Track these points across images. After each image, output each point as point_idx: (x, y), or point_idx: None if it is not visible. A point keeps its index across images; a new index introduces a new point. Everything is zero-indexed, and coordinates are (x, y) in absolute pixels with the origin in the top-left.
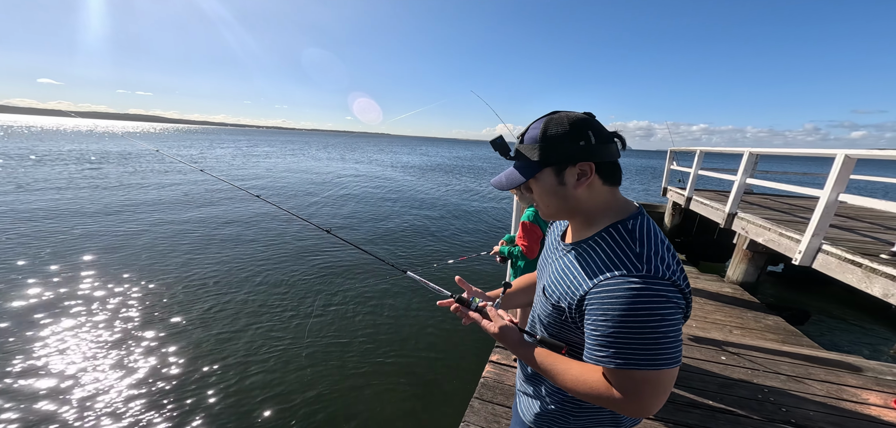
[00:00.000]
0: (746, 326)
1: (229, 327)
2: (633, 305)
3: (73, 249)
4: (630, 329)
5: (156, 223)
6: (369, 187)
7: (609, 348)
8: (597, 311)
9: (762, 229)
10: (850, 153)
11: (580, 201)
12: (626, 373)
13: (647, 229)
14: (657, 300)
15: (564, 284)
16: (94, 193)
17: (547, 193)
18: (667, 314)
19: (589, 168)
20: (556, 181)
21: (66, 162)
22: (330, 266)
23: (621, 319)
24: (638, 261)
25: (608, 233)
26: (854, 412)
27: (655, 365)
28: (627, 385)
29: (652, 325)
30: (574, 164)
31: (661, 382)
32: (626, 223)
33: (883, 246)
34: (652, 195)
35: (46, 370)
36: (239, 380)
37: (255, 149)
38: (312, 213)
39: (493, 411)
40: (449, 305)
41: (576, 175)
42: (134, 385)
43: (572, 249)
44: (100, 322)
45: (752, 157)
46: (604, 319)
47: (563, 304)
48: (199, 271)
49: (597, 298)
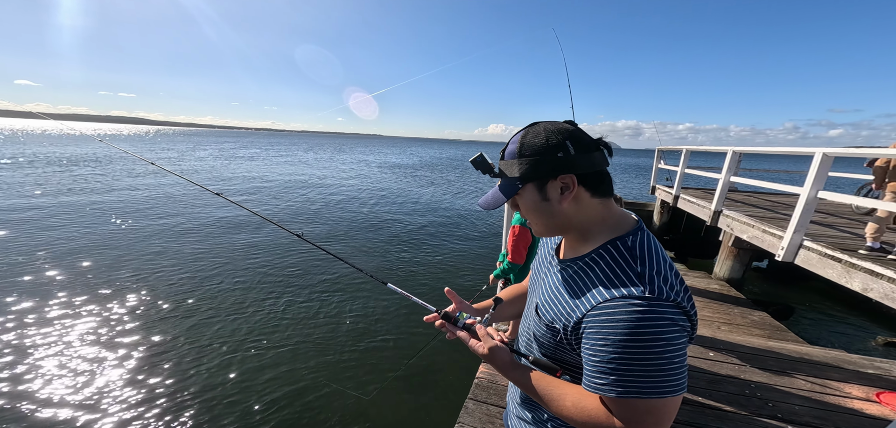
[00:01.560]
0: (733, 322)
1: (201, 337)
2: (636, 330)
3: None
4: (633, 355)
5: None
6: (354, 189)
7: (609, 375)
8: (596, 335)
9: (746, 226)
10: (828, 151)
11: (569, 217)
12: (627, 402)
13: (648, 246)
14: (662, 324)
15: (559, 305)
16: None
17: (532, 211)
18: (672, 339)
19: (571, 180)
20: (539, 197)
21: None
22: (306, 273)
23: (623, 345)
24: (639, 281)
25: (606, 250)
26: (838, 406)
27: (660, 393)
28: (629, 415)
29: (656, 350)
30: (555, 178)
31: (665, 411)
32: (625, 240)
33: (861, 241)
34: (639, 193)
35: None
36: (225, 385)
37: (239, 152)
38: (286, 217)
39: (488, 412)
40: (433, 320)
41: (559, 189)
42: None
43: (568, 267)
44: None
45: (735, 156)
46: (604, 344)
47: (557, 325)
48: (161, 286)
49: (596, 322)
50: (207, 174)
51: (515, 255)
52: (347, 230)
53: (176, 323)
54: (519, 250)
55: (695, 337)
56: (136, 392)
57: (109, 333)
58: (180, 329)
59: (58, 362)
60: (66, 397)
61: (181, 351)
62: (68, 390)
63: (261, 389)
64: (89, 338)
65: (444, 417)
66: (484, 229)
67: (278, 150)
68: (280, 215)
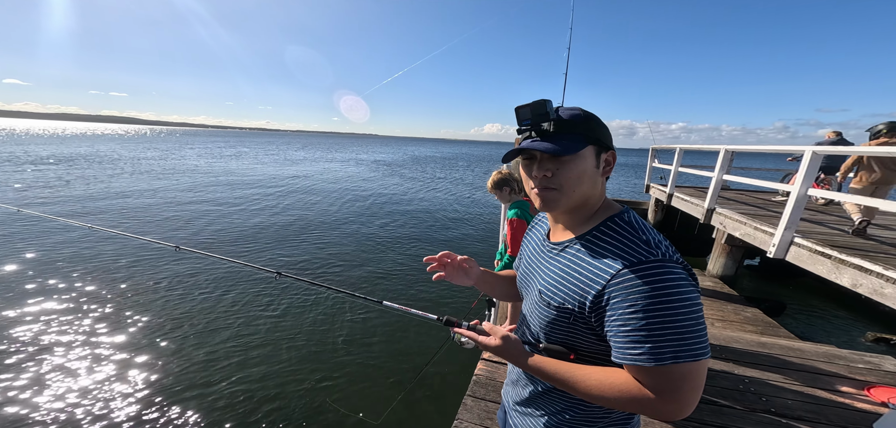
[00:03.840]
0: (727, 319)
1: (192, 349)
2: (661, 294)
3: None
4: (663, 320)
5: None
6: (339, 191)
7: (644, 344)
8: (622, 303)
9: (739, 224)
10: (817, 149)
11: (594, 192)
12: (663, 369)
13: (639, 221)
14: (681, 284)
15: (570, 284)
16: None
17: (580, 175)
18: (693, 299)
19: (613, 158)
20: (595, 163)
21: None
22: (289, 308)
23: (652, 309)
24: (650, 247)
25: (607, 226)
26: (830, 400)
27: (693, 355)
28: (664, 383)
29: (683, 312)
30: (606, 151)
31: (699, 374)
32: (622, 216)
33: (850, 237)
34: (634, 191)
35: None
36: (220, 392)
37: (224, 151)
38: (259, 238)
39: (486, 408)
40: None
41: (604, 163)
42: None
43: (574, 243)
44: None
45: (728, 155)
46: (633, 312)
47: (570, 305)
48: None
49: (620, 291)
50: (184, 177)
51: (515, 247)
52: (332, 242)
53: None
54: (519, 243)
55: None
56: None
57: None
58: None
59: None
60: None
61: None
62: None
63: (251, 399)
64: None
65: (443, 416)
66: (479, 225)
67: (268, 149)
68: (250, 234)
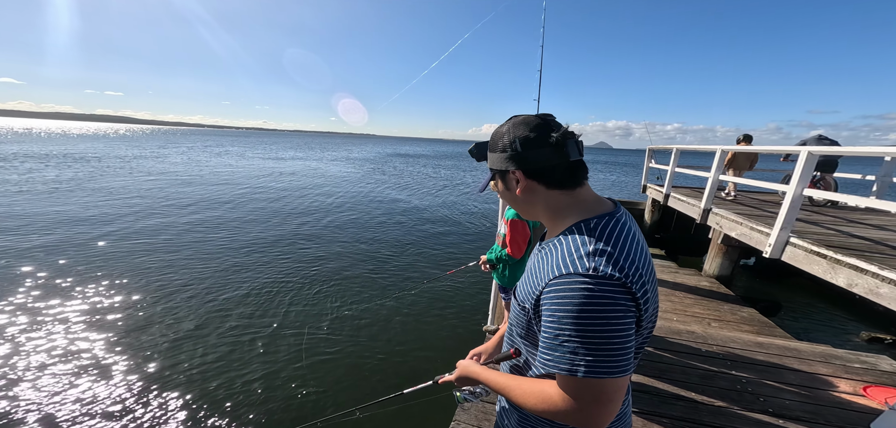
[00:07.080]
0: (723, 319)
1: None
2: (579, 308)
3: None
4: (573, 331)
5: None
6: (340, 193)
7: (554, 351)
8: (546, 311)
9: (735, 224)
10: (813, 150)
11: (532, 204)
12: (569, 379)
13: (611, 228)
14: (603, 303)
15: (527, 284)
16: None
17: (502, 196)
18: (612, 319)
19: (518, 175)
20: (504, 186)
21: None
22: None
23: (565, 321)
24: (587, 259)
25: (570, 230)
26: (827, 400)
27: (595, 373)
28: (571, 391)
29: (594, 329)
30: (506, 172)
31: (603, 391)
32: (589, 222)
33: (845, 237)
34: (631, 192)
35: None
36: (220, 388)
37: (212, 148)
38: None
39: (484, 410)
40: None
41: (514, 181)
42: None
43: (541, 249)
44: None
45: (724, 155)
46: (551, 321)
47: (526, 304)
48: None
49: (547, 299)
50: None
51: (515, 248)
52: (349, 245)
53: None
54: (517, 244)
55: (680, 330)
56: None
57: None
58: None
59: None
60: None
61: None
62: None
63: (259, 390)
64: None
65: (441, 415)
66: (472, 224)
67: (260, 150)
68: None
